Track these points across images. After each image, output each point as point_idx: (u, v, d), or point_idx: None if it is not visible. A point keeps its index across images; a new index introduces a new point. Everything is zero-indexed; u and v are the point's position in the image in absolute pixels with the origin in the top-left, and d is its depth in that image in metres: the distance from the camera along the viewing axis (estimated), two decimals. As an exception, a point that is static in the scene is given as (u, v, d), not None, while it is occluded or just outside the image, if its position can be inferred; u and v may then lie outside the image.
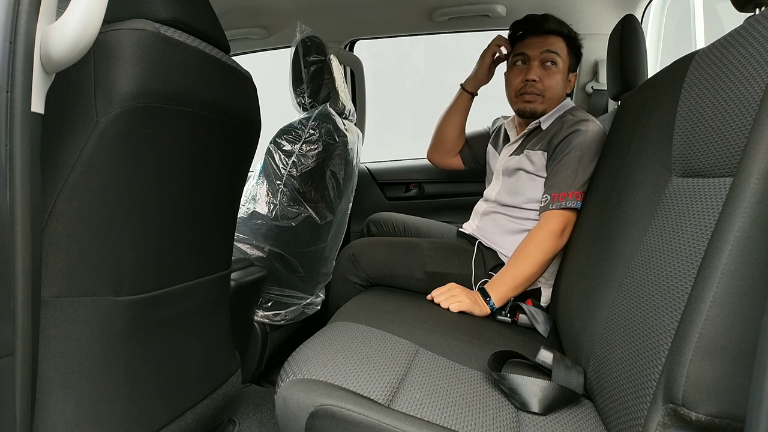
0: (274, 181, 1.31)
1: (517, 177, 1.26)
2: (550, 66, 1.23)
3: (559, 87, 1.24)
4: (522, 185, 1.24)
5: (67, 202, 0.63)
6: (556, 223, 1.12)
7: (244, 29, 1.77)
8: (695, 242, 0.56)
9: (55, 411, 0.66)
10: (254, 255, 1.31)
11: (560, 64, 1.23)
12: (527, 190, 1.23)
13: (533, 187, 1.22)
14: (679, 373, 0.51)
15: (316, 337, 0.81)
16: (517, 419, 0.67)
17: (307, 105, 1.44)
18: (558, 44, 1.23)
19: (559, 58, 1.23)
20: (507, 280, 1.13)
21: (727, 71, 0.58)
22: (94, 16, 0.56)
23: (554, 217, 1.12)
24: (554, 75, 1.23)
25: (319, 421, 0.62)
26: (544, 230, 1.12)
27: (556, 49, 1.22)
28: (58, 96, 0.60)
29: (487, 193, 1.37)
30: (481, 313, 1.10)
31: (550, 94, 1.24)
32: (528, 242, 1.14)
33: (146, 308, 0.75)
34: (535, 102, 1.24)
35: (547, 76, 1.23)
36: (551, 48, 1.22)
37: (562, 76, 1.24)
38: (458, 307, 1.09)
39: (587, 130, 1.14)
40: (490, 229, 1.29)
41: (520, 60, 1.27)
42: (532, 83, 1.23)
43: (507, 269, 1.14)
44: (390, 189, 2.08)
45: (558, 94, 1.25)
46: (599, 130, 1.16)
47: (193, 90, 0.73)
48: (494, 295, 1.12)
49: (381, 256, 1.27)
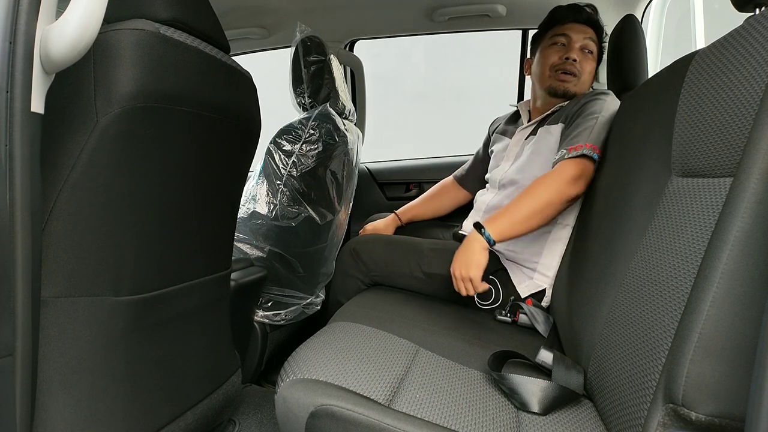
0: (274, 181, 1.31)
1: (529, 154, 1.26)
2: (587, 54, 1.28)
3: (590, 76, 1.29)
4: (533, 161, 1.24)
5: (67, 202, 0.63)
6: (571, 169, 1.06)
7: (244, 29, 1.77)
8: (695, 242, 0.56)
9: (55, 411, 0.66)
10: (254, 255, 1.31)
11: (594, 55, 1.29)
12: (536, 168, 1.22)
13: (542, 164, 1.21)
14: (679, 373, 0.51)
15: (316, 337, 0.81)
16: (517, 419, 0.67)
17: (307, 105, 1.44)
18: (594, 35, 1.29)
19: (595, 49, 1.28)
20: (505, 214, 1.06)
21: (727, 71, 0.58)
22: (94, 16, 0.56)
23: (569, 164, 1.07)
24: (590, 62, 1.28)
25: (319, 421, 0.62)
26: (557, 173, 1.07)
27: (594, 39, 1.28)
28: (58, 96, 0.60)
29: (493, 176, 1.35)
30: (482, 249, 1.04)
31: (584, 78, 1.28)
32: (537, 181, 1.09)
33: (146, 308, 0.75)
34: (569, 82, 1.27)
35: (585, 60, 1.28)
36: (591, 36, 1.28)
37: (594, 65, 1.30)
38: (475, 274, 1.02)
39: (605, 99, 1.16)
40: None
41: (561, 41, 1.29)
42: (572, 62, 1.26)
43: (508, 205, 1.08)
44: (390, 189, 2.08)
45: (589, 81, 1.30)
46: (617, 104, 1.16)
47: (193, 90, 0.73)
48: (490, 227, 1.05)
49: (381, 253, 1.27)
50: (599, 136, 1.10)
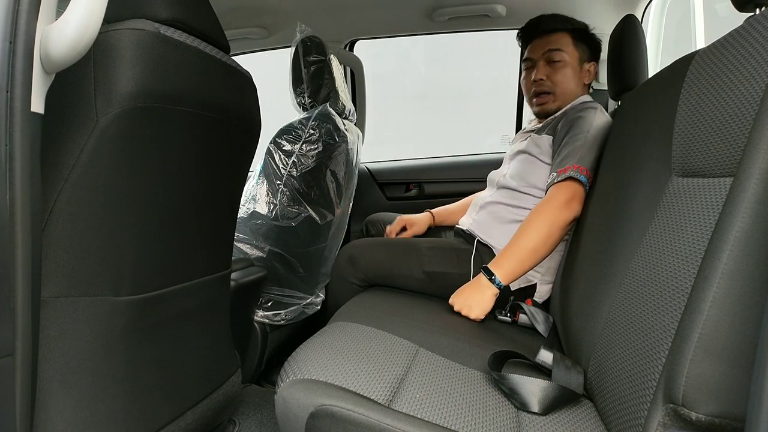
0: (274, 181, 1.31)
1: (521, 159, 1.26)
2: (556, 63, 1.25)
3: (568, 80, 1.26)
4: (524, 168, 1.24)
5: (68, 202, 0.63)
6: (562, 195, 1.07)
7: (244, 29, 1.77)
8: (695, 242, 0.56)
9: (55, 411, 0.66)
10: (254, 255, 1.31)
11: (566, 59, 1.25)
12: (528, 175, 1.23)
13: (534, 172, 1.22)
14: (679, 373, 0.51)
15: (316, 337, 0.81)
16: (517, 419, 0.67)
17: (307, 105, 1.44)
18: (561, 40, 1.25)
19: (563, 53, 1.25)
20: (511, 253, 1.07)
21: (727, 71, 0.58)
22: (94, 16, 0.56)
23: (559, 189, 1.07)
24: (560, 69, 1.25)
25: (319, 421, 0.62)
26: (548, 201, 1.08)
27: (558, 46, 1.25)
28: (58, 96, 0.60)
29: (491, 175, 1.37)
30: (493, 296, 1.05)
31: (561, 89, 1.26)
32: (532, 214, 1.10)
33: (146, 308, 0.75)
34: (547, 102, 1.28)
35: (554, 72, 1.26)
36: (553, 46, 1.25)
37: (571, 69, 1.26)
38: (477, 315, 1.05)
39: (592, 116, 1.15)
40: (487, 222, 1.28)
41: (528, 65, 1.31)
42: (540, 82, 1.26)
43: (510, 243, 1.09)
44: (390, 189, 2.08)
45: (570, 87, 1.27)
46: (604, 118, 1.16)
47: (193, 90, 0.73)
48: (499, 272, 1.06)
49: (380, 257, 1.26)
50: (588, 156, 1.09)
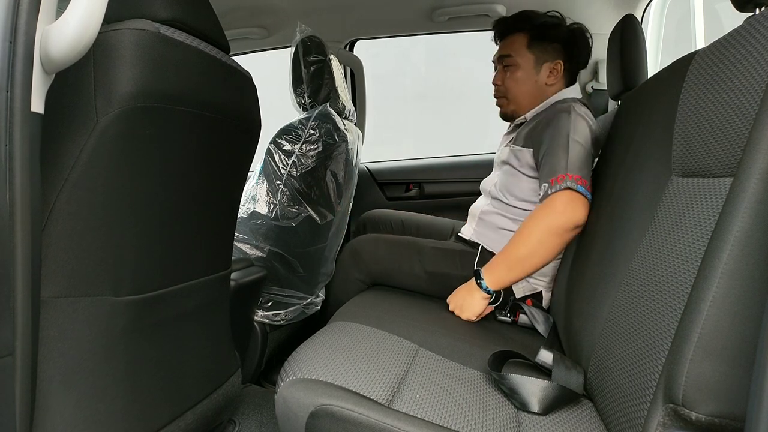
0: (274, 181, 1.30)
1: (505, 170, 1.25)
2: (508, 68, 1.26)
3: (519, 85, 1.25)
4: (507, 180, 1.23)
5: (67, 202, 0.63)
6: (558, 202, 1.00)
7: (244, 29, 1.77)
8: (695, 242, 0.56)
9: (55, 411, 0.66)
10: (254, 255, 1.31)
11: (518, 63, 1.24)
12: (512, 186, 1.22)
13: (516, 184, 1.21)
14: (679, 373, 0.51)
15: (316, 337, 0.81)
16: (517, 419, 0.67)
17: (307, 105, 1.44)
18: (515, 43, 1.24)
19: (514, 58, 1.24)
20: (500, 260, 1.06)
21: (727, 71, 0.58)
22: (94, 16, 0.56)
23: (555, 198, 1.01)
24: (511, 75, 1.26)
25: (319, 421, 0.62)
26: (541, 208, 1.03)
27: (509, 51, 1.25)
28: (58, 96, 0.60)
29: (483, 183, 1.36)
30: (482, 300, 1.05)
31: (512, 94, 1.27)
32: (524, 221, 1.06)
33: (146, 308, 0.75)
34: (503, 106, 1.31)
35: (507, 78, 1.27)
36: (504, 51, 1.26)
37: (523, 74, 1.24)
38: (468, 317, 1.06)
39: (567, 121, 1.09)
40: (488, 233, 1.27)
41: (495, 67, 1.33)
42: (496, 87, 1.30)
43: (502, 250, 1.08)
44: (390, 189, 2.08)
45: (522, 91, 1.25)
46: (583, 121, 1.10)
47: (193, 90, 0.73)
48: (488, 277, 1.05)
49: (383, 253, 1.27)
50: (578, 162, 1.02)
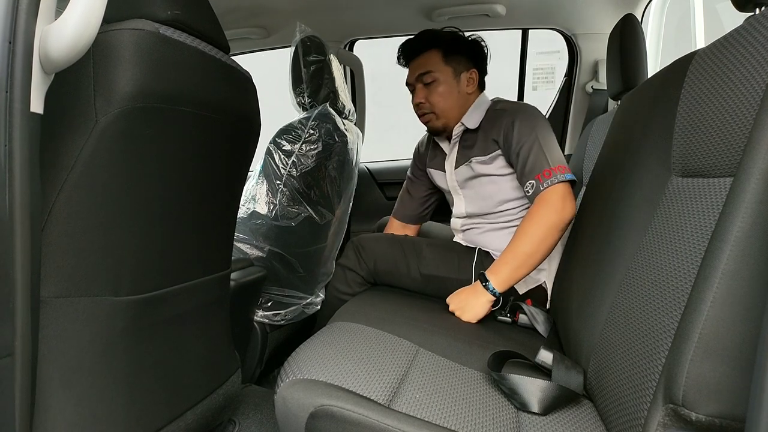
0: (273, 181, 1.30)
1: (478, 184, 1.25)
2: (429, 84, 1.26)
3: (445, 98, 1.26)
4: (486, 191, 1.24)
5: (67, 202, 0.63)
6: (554, 198, 1.05)
7: (243, 29, 1.77)
8: (695, 242, 0.56)
9: (55, 410, 0.66)
10: (254, 255, 1.31)
11: (439, 77, 1.25)
12: (494, 194, 1.23)
13: (499, 189, 1.22)
14: (680, 373, 0.51)
15: (316, 337, 0.81)
16: (517, 419, 0.67)
17: (306, 105, 1.44)
18: (431, 60, 1.26)
19: (434, 74, 1.25)
20: (507, 260, 1.07)
21: (727, 71, 0.58)
22: (94, 16, 0.55)
23: (549, 194, 1.06)
24: (435, 90, 1.26)
25: (319, 422, 0.62)
26: (541, 206, 1.06)
27: (427, 68, 1.26)
28: (57, 96, 0.60)
29: (455, 212, 1.35)
30: (487, 302, 1.06)
31: (439, 108, 1.27)
32: (526, 220, 1.08)
33: (146, 308, 0.75)
34: (431, 120, 1.30)
35: (430, 93, 1.27)
36: (422, 69, 1.26)
37: (445, 86, 1.26)
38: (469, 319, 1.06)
39: (520, 112, 1.16)
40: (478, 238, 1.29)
41: (410, 89, 1.33)
42: (420, 105, 1.29)
43: (506, 250, 1.09)
44: (390, 189, 2.08)
45: (449, 103, 1.27)
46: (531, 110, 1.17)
47: (193, 90, 0.73)
48: (494, 279, 1.07)
49: (382, 252, 1.27)
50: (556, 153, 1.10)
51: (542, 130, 1.12)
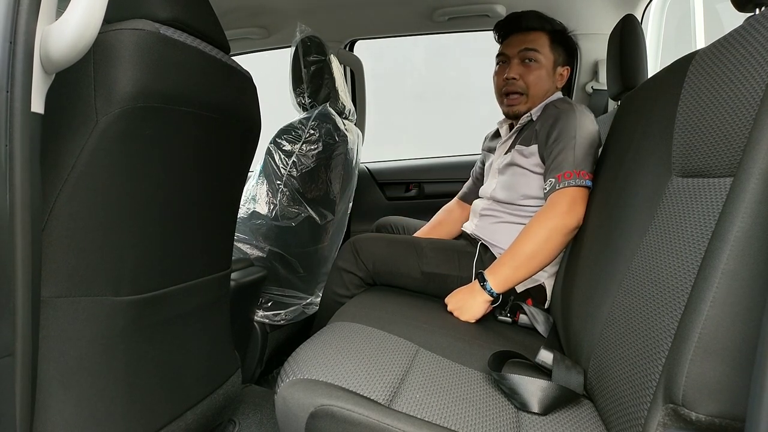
0: (274, 181, 1.31)
1: (511, 173, 1.25)
2: (530, 63, 1.23)
3: (542, 83, 1.24)
4: (515, 181, 1.23)
5: (67, 202, 0.63)
6: (564, 201, 1.03)
7: (243, 29, 1.77)
8: (695, 242, 0.56)
9: (55, 410, 0.66)
10: (254, 255, 1.31)
11: (542, 60, 1.23)
12: (521, 186, 1.22)
13: (527, 183, 1.21)
14: (680, 373, 0.51)
15: (316, 337, 0.81)
16: (517, 419, 0.67)
17: (307, 105, 1.44)
18: (539, 40, 1.23)
19: (539, 54, 1.22)
20: (506, 260, 1.06)
21: (727, 71, 0.58)
22: (94, 16, 0.56)
23: (560, 195, 1.04)
24: (535, 71, 1.23)
25: (319, 422, 0.62)
26: (550, 207, 1.05)
27: (535, 46, 1.22)
28: (58, 96, 0.60)
29: (482, 191, 1.36)
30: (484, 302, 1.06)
31: (533, 91, 1.24)
32: (532, 220, 1.07)
33: (146, 308, 0.75)
34: (518, 104, 1.26)
35: (528, 72, 1.23)
36: (530, 45, 1.22)
37: (545, 71, 1.24)
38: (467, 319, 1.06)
39: (574, 116, 1.12)
40: (490, 228, 1.28)
41: (501, 60, 1.28)
42: (513, 81, 1.24)
43: (507, 251, 1.08)
44: (390, 189, 2.08)
45: (542, 89, 1.25)
46: (589, 118, 1.15)
47: (193, 90, 0.73)
48: (492, 279, 1.05)
49: (381, 252, 1.26)
50: (584, 158, 1.07)
51: (583, 136, 1.09)
